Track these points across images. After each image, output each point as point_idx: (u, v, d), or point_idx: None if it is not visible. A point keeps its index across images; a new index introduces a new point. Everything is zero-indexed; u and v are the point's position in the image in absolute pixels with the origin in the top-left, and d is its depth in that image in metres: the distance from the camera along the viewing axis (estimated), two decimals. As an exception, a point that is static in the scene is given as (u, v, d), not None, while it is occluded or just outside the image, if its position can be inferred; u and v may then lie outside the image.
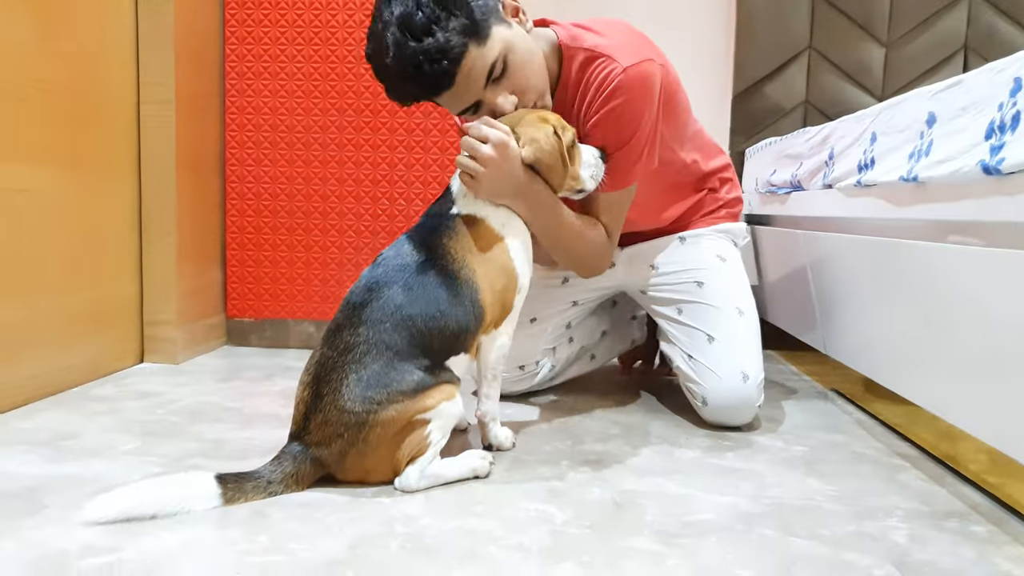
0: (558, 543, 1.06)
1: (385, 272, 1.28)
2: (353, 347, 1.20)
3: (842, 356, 1.86)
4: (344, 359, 1.20)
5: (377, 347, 1.20)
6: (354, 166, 2.32)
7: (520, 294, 1.40)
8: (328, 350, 1.22)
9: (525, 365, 1.81)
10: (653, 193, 1.71)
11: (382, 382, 1.18)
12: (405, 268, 1.28)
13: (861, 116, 1.66)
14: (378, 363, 1.19)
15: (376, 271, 1.29)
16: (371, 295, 1.25)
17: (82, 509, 1.06)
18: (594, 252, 1.60)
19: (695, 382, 1.65)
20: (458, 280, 1.29)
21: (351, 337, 1.21)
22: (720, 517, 1.17)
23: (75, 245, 1.81)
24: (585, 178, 1.46)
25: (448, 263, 1.30)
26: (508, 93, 1.43)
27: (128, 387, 1.84)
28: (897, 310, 1.49)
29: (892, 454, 1.50)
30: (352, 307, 1.25)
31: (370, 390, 1.18)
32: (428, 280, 1.27)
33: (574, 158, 1.44)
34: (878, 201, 1.52)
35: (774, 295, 2.39)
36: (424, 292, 1.26)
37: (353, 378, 1.18)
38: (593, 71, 1.51)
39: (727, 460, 1.44)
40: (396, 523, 1.11)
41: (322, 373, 1.20)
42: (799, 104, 2.68)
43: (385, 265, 1.29)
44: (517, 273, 1.38)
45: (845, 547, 1.08)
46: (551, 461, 1.40)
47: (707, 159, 1.80)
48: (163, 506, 1.07)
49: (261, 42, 2.30)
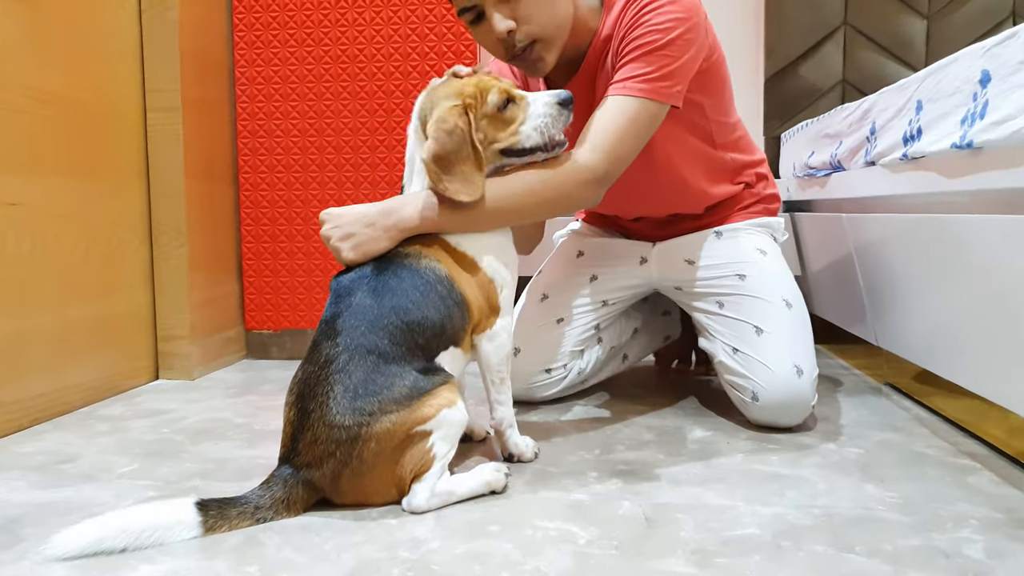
0: (579, 567, 0.95)
1: (346, 283, 1.20)
2: (334, 358, 1.10)
3: (896, 347, 1.71)
4: (327, 371, 1.10)
5: (359, 352, 1.11)
6: (370, 168, 2.23)
7: (504, 291, 1.29)
8: (310, 366, 1.13)
9: (552, 368, 1.69)
10: (697, 172, 1.61)
11: (370, 390, 1.08)
12: (364, 275, 1.20)
13: (903, 85, 1.52)
14: (363, 369, 1.09)
15: (336, 285, 1.22)
16: (339, 307, 1.17)
17: (45, 545, 0.97)
18: (561, 189, 1.31)
19: (743, 376, 1.51)
20: (419, 268, 1.20)
21: (330, 349, 1.12)
22: (764, 532, 1.04)
23: (79, 257, 1.75)
24: (527, 132, 1.25)
25: (404, 259, 1.21)
26: (509, 17, 1.33)
27: (137, 406, 1.77)
28: (956, 293, 1.34)
29: (958, 454, 1.35)
30: (326, 322, 1.17)
31: (359, 400, 1.07)
32: (390, 278, 1.18)
33: (506, 120, 1.24)
34: (927, 174, 1.38)
35: (818, 286, 2.25)
36: (390, 289, 1.17)
37: (339, 389, 1.08)
38: (630, 4, 1.40)
39: (772, 465, 1.31)
40: (400, 547, 1.00)
41: (306, 389, 1.11)
42: (836, 84, 2.53)
43: (344, 278, 1.22)
44: (490, 277, 1.27)
45: (911, 565, 0.94)
46: (576, 472, 1.28)
47: (746, 151, 1.70)
48: (135, 538, 0.97)
49: (270, 45, 2.22)
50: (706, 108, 1.55)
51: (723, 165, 1.65)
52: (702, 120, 1.57)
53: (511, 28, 1.34)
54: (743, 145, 1.69)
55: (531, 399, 1.71)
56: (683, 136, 1.54)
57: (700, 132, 1.58)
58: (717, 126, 1.60)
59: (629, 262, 1.73)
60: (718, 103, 1.58)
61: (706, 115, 1.56)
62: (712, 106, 1.56)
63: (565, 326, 1.71)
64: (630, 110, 1.35)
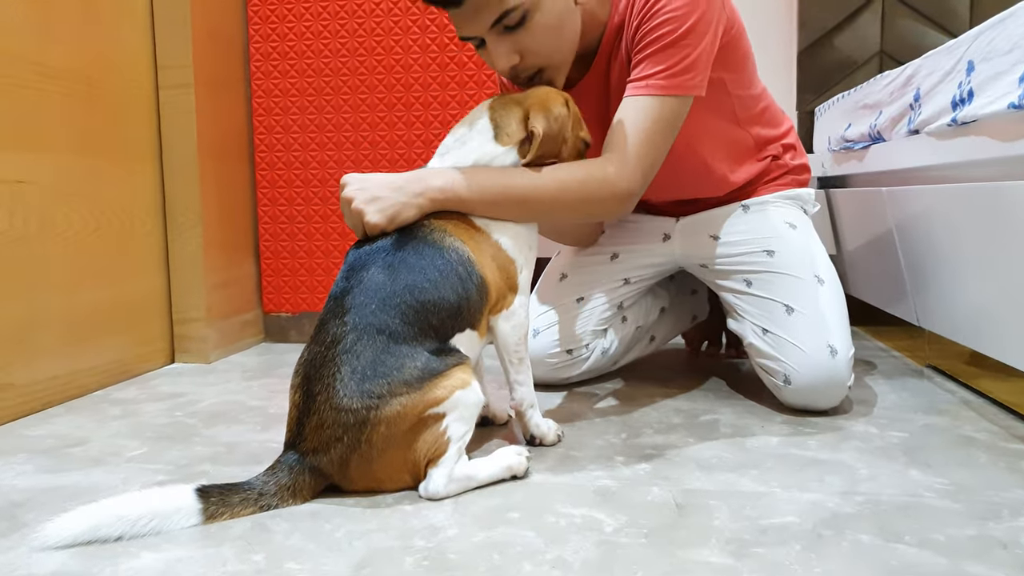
0: (606, 556, 0.88)
1: (361, 257, 1.13)
2: (341, 337, 1.04)
3: (939, 327, 1.63)
4: (333, 351, 1.04)
5: (368, 332, 1.04)
6: (388, 146, 2.17)
7: (523, 272, 1.23)
8: (316, 346, 1.06)
9: (573, 349, 1.62)
10: (719, 154, 1.53)
11: (380, 371, 1.02)
12: (381, 249, 1.13)
13: (952, 46, 1.43)
14: (372, 350, 1.03)
15: (351, 256, 1.15)
16: (350, 282, 1.10)
17: (35, 533, 0.92)
18: (590, 194, 1.27)
19: (773, 358, 1.44)
20: (443, 247, 1.13)
21: (337, 328, 1.05)
22: (804, 520, 0.97)
23: (89, 238, 1.71)
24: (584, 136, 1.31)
25: (428, 233, 1.15)
26: (513, 52, 1.26)
27: (152, 389, 1.73)
28: (1008, 266, 1.26)
29: (1010, 438, 1.27)
30: (334, 299, 1.10)
31: (367, 382, 1.01)
32: (409, 254, 1.12)
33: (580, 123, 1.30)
34: (979, 139, 1.29)
35: (855, 264, 2.15)
36: (407, 266, 1.10)
37: (347, 371, 1.02)
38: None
39: (810, 450, 1.23)
40: (416, 536, 0.94)
41: (312, 371, 1.04)
42: (874, 55, 2.43)
43: (361, 250, 1.15)
44: (511, 257, 1.22)
45: (966, 556, 0.87)
46: (603, 457, 1.22)
47: (771, 124, 1.60)
48: (131, 526, 0.92)
49: (285, 20, 2.17)
50: (728, 83, 1.47)
51: (746, 143, 1.57)
52: (724, 97, 1.48)
53: (514, 64, 1.28)
54: (768, 117, 1.59)
55: (554, 381, 1.65)
56: (705, 118, 1.45)
57: (723, 111, 1.50)
58: (740, 101, 1.51)
59: (651, 239, 1.65)
60: (740, 76, 1.49)
61: (728, 91, 1.48)
62: (734, 80, 1.48)
63: (585, 305, 1.64)
64: (654, 110, 1.29)
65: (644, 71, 1.30)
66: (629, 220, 1.69)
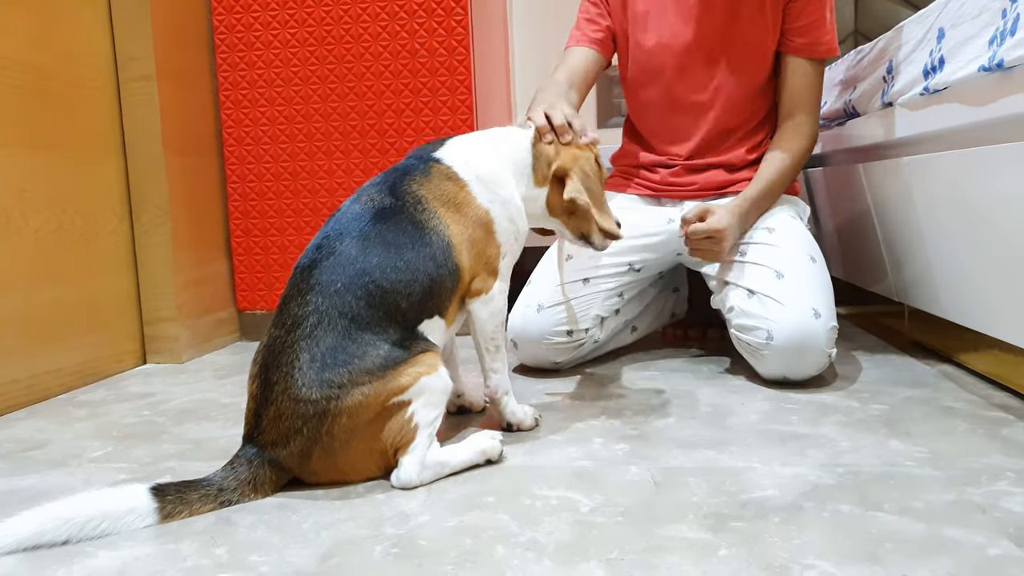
0: (581, 536, 0.86)
1: (338, 223, 1.08)
2: (301, 320, 1.00)
3: (919, 301, 1.61)
4: (292, 336, 0.99)
5: (329, 316, 1.00)
6: (359, 136, 2.13)
7: (506, 259, 1.19)
8: (276, 330, 1.02)
9: (573, 331, 1.60)
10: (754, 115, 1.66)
11: (340, 359, 0.98)
12: (362, 216, 1.08)
13: (923, 15, 1.42)
14: (332, 335, 0.99)
15: (329, 224, 1.09)
16: (321, 252, 1.05)
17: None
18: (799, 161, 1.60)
19: (758, 317, 1.43)
20: (425, 228, 1.08)
21: (298, 308, 1.01)
22: (784, 493, 0.95)
23: (49, 236, 1.66)
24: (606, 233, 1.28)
25: (413, 209, 1.09)
26: None
27: (121, 390, 1.69)
28: (986, 234, 1.24)
29: (989, 406, 1.26)
30: (300, 272, 1.05)
31: (327, 371, 0.97)
32: (389, 228, 1.06)
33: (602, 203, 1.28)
34: (951, 106, 1.28)
35: (833, 245, 2.14)
36: (383, 241, 1.05)
37: (305, 358, 0.98)
38: None
39: (791, 425, 1.21)
40: (386, 524, 0.91)
41: (270, 358, 1.00)
42: (848, 35, 2.42)
43: (340, 215, 1.10)
44: (499, 241, 1.17)
45: (945, 521, 0.85)
46: (580, 439, 1.19)
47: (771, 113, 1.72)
48: (79, 529, 0.87)
49: (250, 10, 2.12)
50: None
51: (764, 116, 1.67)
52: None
53: None
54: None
55: (544, 364, 1.62)
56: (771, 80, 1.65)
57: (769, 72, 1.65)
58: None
59: (656, 222, 1.66)
60: None
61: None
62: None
63: (590, 287, 1.62)
64: (822, 70, 1.62)
65: (815, 35, 1.56)
66: (634, 204, 1.70)
